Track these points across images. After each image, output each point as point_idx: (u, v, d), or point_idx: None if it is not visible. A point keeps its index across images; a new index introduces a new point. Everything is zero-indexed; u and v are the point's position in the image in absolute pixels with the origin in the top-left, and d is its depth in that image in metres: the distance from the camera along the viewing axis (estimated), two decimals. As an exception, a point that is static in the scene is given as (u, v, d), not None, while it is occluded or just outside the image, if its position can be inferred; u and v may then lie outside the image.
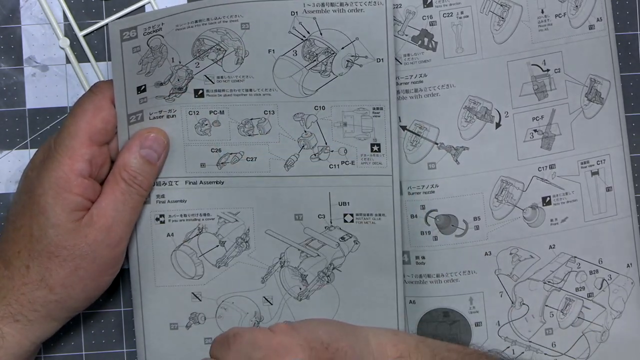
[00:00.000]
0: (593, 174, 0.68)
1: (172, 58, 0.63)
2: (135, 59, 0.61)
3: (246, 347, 0.56)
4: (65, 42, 0.68)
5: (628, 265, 0.68)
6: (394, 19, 0.64)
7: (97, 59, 0.68)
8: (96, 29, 0.68)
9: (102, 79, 0.68)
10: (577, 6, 0.66)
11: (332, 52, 0.64)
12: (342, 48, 0.64)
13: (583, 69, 0.67)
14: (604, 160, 0.68)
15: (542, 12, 0.66)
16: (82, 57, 0.68)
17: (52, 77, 0.68)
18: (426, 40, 0.66)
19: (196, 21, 0.62)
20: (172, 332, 0.67)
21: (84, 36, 0.68)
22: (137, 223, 0.65)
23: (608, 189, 0.68)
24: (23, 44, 0.68)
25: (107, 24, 0.67)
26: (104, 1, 0.68)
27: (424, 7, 0.65)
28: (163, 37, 0.62)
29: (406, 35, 0.65)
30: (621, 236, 0.68)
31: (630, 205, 0.68)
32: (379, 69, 0.64)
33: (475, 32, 0.66)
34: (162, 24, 0.61)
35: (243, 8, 0.62)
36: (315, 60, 0.64)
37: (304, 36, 0.63)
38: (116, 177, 0.62)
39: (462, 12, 0.65)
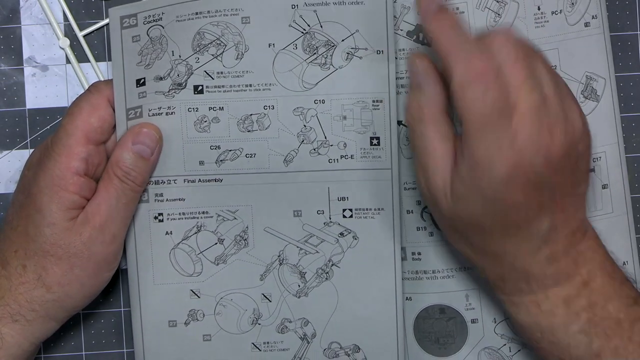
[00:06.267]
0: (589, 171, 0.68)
1: (172, 51, 0.63)
2: (134, 49, 0.62)
3: None
4: (65, 42, 0.68)
5: (624, 263, 0.68)
6: (389, 14, 0.64)
7: (97, 59, 0.69)
8: (96, 29, 0.69)
9: (102, 79, 0.68)
10: (573, 3, 0.67)
11: (332, 44, 0.64)
12: (342, 40, 0.64)
13: (579, 66, 0.67)
14: (600, 157, 0.68)
15: (539, 8, 0.67)
16: (82, 57, 0.69)
17: (52, 77, 0.69)
18: (421, 35, 0.66)
19: (196, 13, 0.62)
20: (170, 330, 0.67)
21: (84, 36, 0.68)
22: (135, 221, 0.65)
23: (604, 187, 0.68)
24: (23, 44, 0.69)
25: (107, 22, 0.68)
26: (104, 1, 0.69)
27: (419, 2, 0.66)
28: (163, 27, 0.62)
29: (401, 30, 0.66)
30: (617, 234, 0.68)
31: (625, 202, 0.69)
32: (378, 61, 0.64)
33: (471, 28, 0.66)
34: (163, 13, 0.62)
35: (244, 1, 0.63)
36: (315, 54, 0.64)
37: (304, 29, 0.64)
38: (109, 174, 0.62)
39: (457, 8, 0.66)
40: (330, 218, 0.66)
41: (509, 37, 0.55)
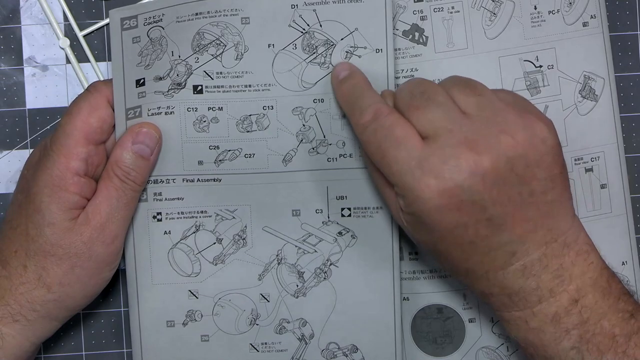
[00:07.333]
0: (587, 170, 0.68)
1: (172, 52, 0.63)
2: (134, 50, 0.62)
3: None
4: (65, 42, 0.68)
5: (623, 263, 0.68)
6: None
7: (97, 59, 0.69)
8: (96, 29, 0.69)
9: (102, 79, 0.68)
10: (570, 3, 0.67)
11: (331, 43, 0.64)
12: (342, 39, 0.64)
13: (577, 66, 0.67)
14: (598, 157, 0.68)
15: (535, 8, 0.67)
16: (82, 57, 0.69)
17: (52, 77, 0.69)
18: (417, 34, 0.66)
19: (196, 14, 0.63)
20: (168, 330, 0.67)
21: (84, 36, 0.69)
22: (134, 221, 0.65)
23: (602, 186, 0.68)
24: (23, 44, 0.69)
25: (107, 22, 0.68)
26: (104, 1, 0.69)
27: (415, 2, 0.66)
28: (163, 28, 0.62)
29: (397, 29, 0.66)
30: (616, 234, 0.68)
31: (625, 202, 0.69)
32: (377, 60, 0.64)
33: (467, 28, 0.66)
34: (163, 14, 0.62)
35: (243, 2, 0.63)
36: (314, 53, 0.64)
37: (304, 29, 0.64)
38: (109, 174, 0.62)
39: (452, 7, 0.66)
40: (328, 217, 0.66)
41: (410, 81, 0.60)
